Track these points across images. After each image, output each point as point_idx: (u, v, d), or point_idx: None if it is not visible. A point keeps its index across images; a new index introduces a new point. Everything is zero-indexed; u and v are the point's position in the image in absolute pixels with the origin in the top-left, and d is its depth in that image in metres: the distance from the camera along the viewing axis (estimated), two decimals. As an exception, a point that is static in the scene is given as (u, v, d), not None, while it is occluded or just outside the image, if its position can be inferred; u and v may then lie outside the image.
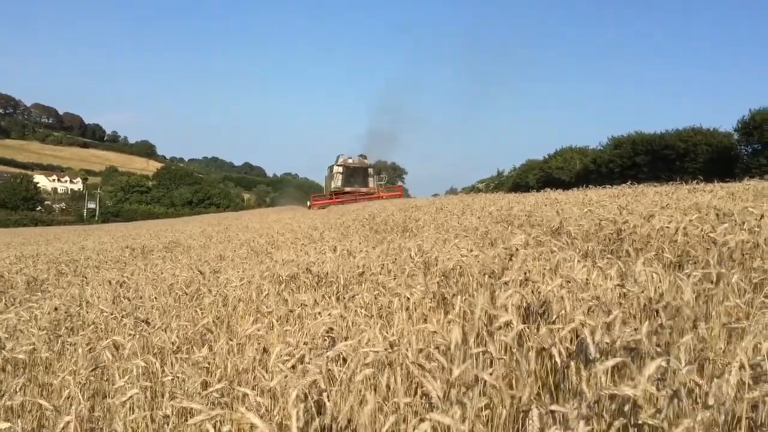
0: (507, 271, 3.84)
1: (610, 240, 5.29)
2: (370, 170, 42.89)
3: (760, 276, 2.95)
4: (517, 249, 4.11)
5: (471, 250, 4.64)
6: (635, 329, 1.86)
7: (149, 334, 3.78)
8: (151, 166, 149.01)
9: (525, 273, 3.51)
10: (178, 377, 2.76)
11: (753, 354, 1.66)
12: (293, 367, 2.61)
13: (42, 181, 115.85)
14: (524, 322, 2.54)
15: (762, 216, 5.05)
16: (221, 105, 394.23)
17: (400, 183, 43.59)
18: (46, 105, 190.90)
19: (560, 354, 2.04)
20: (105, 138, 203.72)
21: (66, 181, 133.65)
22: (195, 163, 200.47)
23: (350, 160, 42.12)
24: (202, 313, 4.40)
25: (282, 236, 12.49)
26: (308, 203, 41.28)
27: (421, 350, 2.65)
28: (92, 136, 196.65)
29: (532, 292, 2.95)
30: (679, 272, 2.75)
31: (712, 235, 4.00)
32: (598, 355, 1.78)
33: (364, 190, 40.30)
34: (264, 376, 2.62)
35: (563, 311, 2.53)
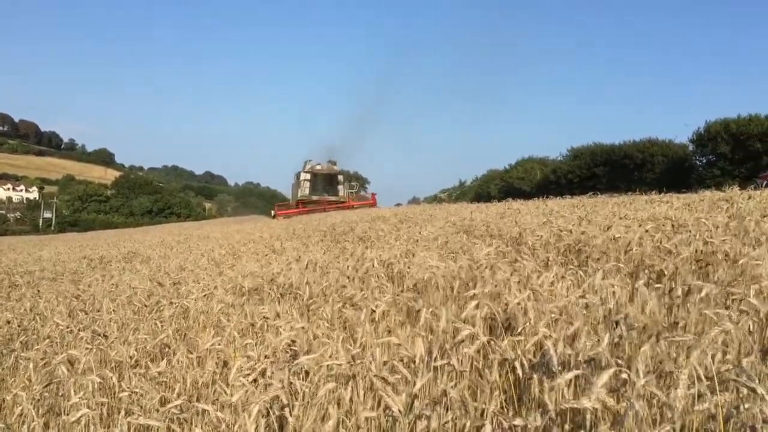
0: (474, 282, 3.86)
1: (569, 250, 5.37)
2: (340, 177, 39.77)
3: (721, 288, 3.02)
4: (483, 261, 4.13)
5: (437, 263, 4.64)
6: (597, 341, 1.88)
7: (106, 348, 3.70)
8: (110, 175, 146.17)
9: (493, 285, 3.54)
10: (136, 392, 2.70)
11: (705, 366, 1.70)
12: (254, 381, 2.58)
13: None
14: (490, 335, 2.56)
15: (717, 227, 5.19)
16: (182, 113, 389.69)
17: (372, 191, 39.07)
18: (1, 112, 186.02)
19: (522, 366, 2.06)
20: (62, 146, 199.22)
21: (21, 190, 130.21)
22: (155, 172, 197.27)
23: (318, 167, 39.25)
24: (162, 326, 4.32)
25: (244, 246, 12.38)
26: (273, 213, 38.62)
27: (385, 363, 2.64)
28: (48, 143, 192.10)
29: (500, 304, 2.97)
30: (638, 283, 2.81)
31: (667, 245, 4.09)
32: (560, 368, 1.79)
33: (333, 198, 37.48)
34: (225, 391, 2.58)
35: (528, 323, 2.55)
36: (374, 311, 3.90)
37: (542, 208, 10.81)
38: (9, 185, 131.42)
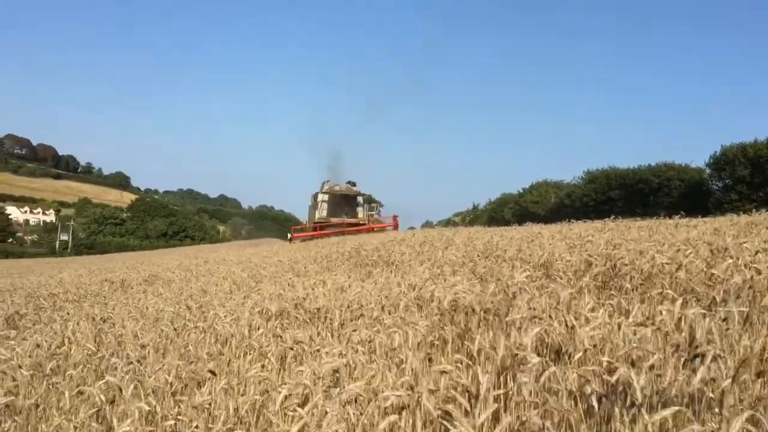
0: (512, 308, 3.77)
1: (605, 276, 5.25)
2: (360, 199, 37.66)
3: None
4: (519, 286, 4.05)
5: (467, 287, 4.56)
6: (688, 376, 1.78)
7: (142, 373, 3.63)
8: (125, 198, 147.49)
9: (532, 310, 3.44)
10: (181, 420, 2.63)
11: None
12: (304, 408, 2.50)
13: (14, 212, 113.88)
14: (546, 361, 2.46)
15: (757, 252, 5.06)
16: (197, 136, 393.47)
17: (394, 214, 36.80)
18: (20, 136, 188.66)
19: (595, 395, 1.96)
20: (79, 169, 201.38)
21: (38, 213, 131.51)
22: (169, 195, 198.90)
23: (337, 188, 37.33)
24: (194, 350, 4.25)
25: (264, 269, 12.31)
26: (289, 236, 36.62)
27: (432, 392, 2.55)
28: (66, 167, 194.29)
29: (547, 332, 2.87)
30: (708, 311, 2.69)
31: (714, 271, 3.98)
32: (642, 402, 1.70)
33: (352, 221, 35.72)
34: (273, 420, 2.50)
35: (586, 350, 2.45)
36: (408, 336, 3.82)
37: (565, 232, 10.68)
38: (26, 208, 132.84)
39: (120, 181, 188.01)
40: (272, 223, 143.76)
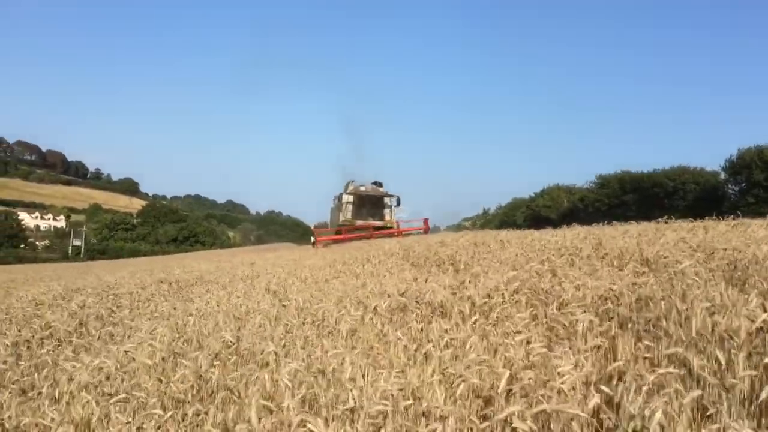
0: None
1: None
2: (387, 200, 35.71)
3: None
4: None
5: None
6: None
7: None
8: (135, 204, 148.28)
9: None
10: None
11: None
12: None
13: (25, 218, 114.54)
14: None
15: None
16: (204, 142, 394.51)
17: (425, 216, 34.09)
18: (30, 142, 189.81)
19: None
20: (88, 175, 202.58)
21: (49, 219, 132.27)
22: (177, 200, 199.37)
23: (363, 188, 35.47)
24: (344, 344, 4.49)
25: (314, 270, 12.47)
26: (312, 239, 33.81)
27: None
28: (75, 173, 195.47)
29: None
30: None
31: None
32: None
33: (379, 223, 34.00)
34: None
35: None
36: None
37: (623, 232, 10.86)
38: (37, 214, 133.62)
39: (129, 187, 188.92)
40: (281, 228, 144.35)
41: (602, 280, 5.39)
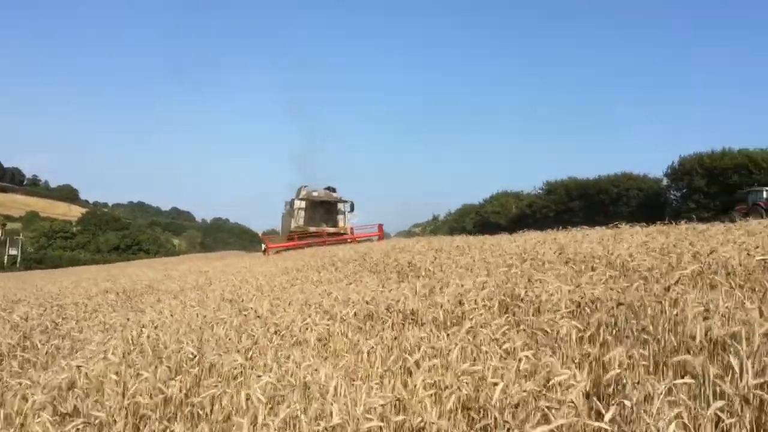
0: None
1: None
2: (341, 206, 35.08)
3: None
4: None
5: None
6: None
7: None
8: (74, 212, 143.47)
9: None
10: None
11: None
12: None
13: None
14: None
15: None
16: (147, 148, 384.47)
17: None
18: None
19: None
20: (24, 182, 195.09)
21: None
22: (120, 208, 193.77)
23: (315, 194, 34.44)
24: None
25: (269, 278, 12.13)
26: (263, 247, 32.98)
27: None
28: (11, 180, 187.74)
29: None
30: None
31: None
32: None
33: (332, 230, 33.38)
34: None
35: None
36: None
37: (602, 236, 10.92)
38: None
39: (68, 194, 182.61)
40: (228, 236, 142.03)
41: (580, 286, 5.27)
